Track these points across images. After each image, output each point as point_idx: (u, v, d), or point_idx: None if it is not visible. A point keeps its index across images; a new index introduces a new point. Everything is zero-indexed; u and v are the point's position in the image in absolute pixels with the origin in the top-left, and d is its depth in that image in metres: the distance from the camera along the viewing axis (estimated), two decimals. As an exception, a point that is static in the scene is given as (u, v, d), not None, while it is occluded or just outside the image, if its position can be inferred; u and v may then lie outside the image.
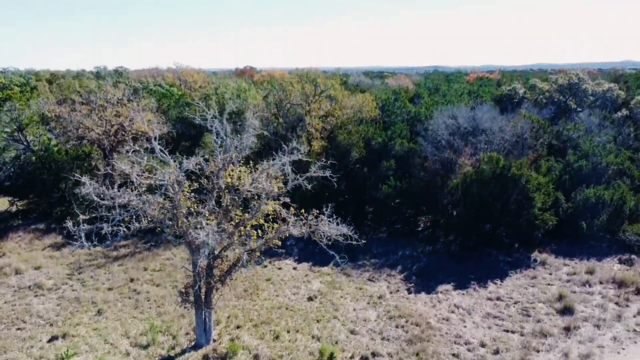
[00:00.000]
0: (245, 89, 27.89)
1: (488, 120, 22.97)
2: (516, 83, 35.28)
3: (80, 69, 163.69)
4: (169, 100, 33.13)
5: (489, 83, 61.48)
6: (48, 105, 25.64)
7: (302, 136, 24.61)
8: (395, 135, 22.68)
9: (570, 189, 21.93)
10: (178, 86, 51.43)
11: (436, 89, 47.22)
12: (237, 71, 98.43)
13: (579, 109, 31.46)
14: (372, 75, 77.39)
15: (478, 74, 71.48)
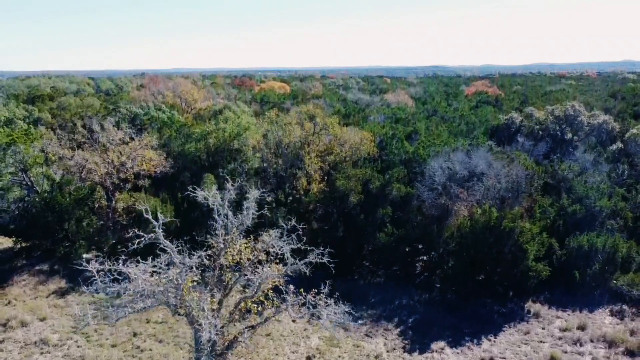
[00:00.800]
0: (246, 126, 28.22)
1: (483, 163, 23.41)
2: (513, 112, 35.74)
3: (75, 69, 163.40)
4: (170, 130, 33.50)
5: (487, 99, 61.92)
6: (52, 146, 26.04)
7: (301, 177, 25.01)
8: (393, 180, 23.11)
9: (564, 234, 22.40)
10: (179, 106, 51.91)
11: (434, 111, 47.64)
12: (236, 80, 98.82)
13: (575, 143, 31.92)
14: (371, 89, 77.68)
15: (477, 87, 71.78)
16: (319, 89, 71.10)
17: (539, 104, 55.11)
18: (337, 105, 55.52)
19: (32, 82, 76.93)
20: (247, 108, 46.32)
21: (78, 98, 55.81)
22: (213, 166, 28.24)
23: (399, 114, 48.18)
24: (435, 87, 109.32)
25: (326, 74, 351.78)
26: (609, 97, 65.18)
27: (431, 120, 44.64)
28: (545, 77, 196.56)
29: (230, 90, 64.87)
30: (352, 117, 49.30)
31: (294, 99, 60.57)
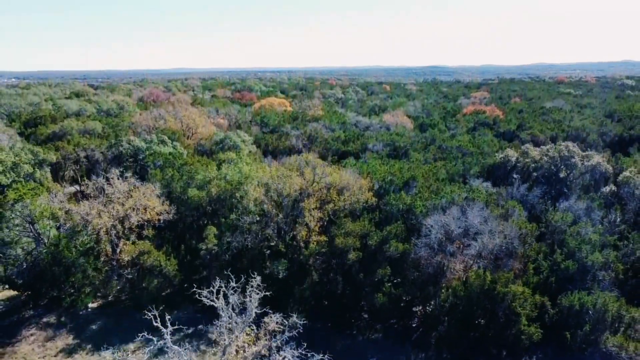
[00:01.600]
0: (247, 174, 28.80)
1: (479, 219, 24.08)
2: (508, 150, 36.36)
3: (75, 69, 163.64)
4: (173, 170, 34.08)
5: (485, 121, 62.49)
6: (58, 198, 26.65)
7: (300, 231, 25.65)
8: (390, 236, 23.76)
9: (557, 290, 23.08)
10: (180, 132, 52.48)
11: (432, 140, 48.27)
12: (236, 94, 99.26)
13: (570, 181, 32.59)
14: (370, 106, 78.07)
15: (475, 103, 72.32)
16: (318, 108, 71.58)
17: (536, 128, 55.81)
18: (337, 131, 56.17)
19: (32, 98, 77.21)
20: (248, 137, 46.90)
21: (80, 121, 56.30)
22: (215, 213, 28.91)
23: (397, 141, 48.83)
24: (434, 98, 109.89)
25: (326, 77, 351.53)
26: (605, 117, 65.85)
27: (429, 150, 45.31)
28: (544, 83, 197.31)
29: (231, 111, 65.33)
30: (352, 144, 50.06)
31: (294, 121, 61.15)
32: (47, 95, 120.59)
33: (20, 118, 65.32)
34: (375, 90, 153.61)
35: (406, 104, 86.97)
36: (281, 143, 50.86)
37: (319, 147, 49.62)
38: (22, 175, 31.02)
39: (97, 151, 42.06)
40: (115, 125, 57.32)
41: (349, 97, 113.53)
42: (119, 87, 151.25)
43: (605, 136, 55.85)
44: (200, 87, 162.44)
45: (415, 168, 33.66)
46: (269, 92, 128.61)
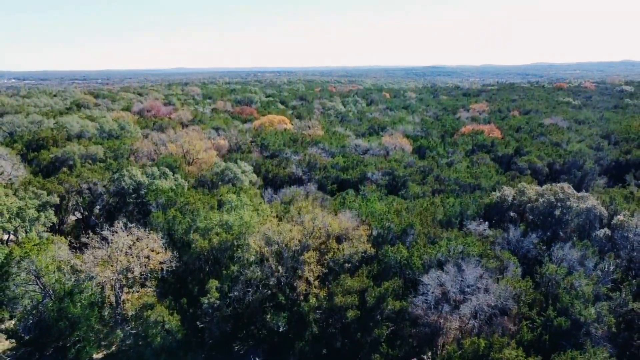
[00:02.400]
0: (248, 224, 29.35)
1: (474, 274, 24.69)
2: (505, 188, 36.90)
3: (75, 69, 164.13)
4: (175, 211, 34.60)
5: (483, 143, 63.04)
6: (62, 250, 27.23)
7: (300, 285, 26.23)
8: (388, 294, 24.35)
9: (551, 347, 23.70)
10: (180, 158, 53.05)
11: (430, 169, 48.85)
12: (236, 109, 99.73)
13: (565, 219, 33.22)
14: (368, 126, 78.50)
15: (474, 125, 72.85)
16: (318, 127, 72.15)
17: (534, 154, 56.37)
18: (337, 155, 56.77)
19: (34, 117, 77.67)
20: (247, 166, 47.45)
21: (82, 145, 56.86)
22: (216, 261, 29.49)
23: (396, 169, 49.43)
24: (433, 111, 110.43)
25: (325, 79, 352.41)
26: (602, 137, 66.41)
27: (427, 182, 45.88)
28: (543, 89, 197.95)
29: (232, 132, 65.90)
30: (351, 171, 50.68)
31: (294, 144, 61.73)
32: (48, 106, 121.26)
33: (23, 138, 65.81)
34: (375, 98, 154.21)
35: (405, 120, 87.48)
36: (281, 170, 51.43)
37: (318, 175, 50.22)
38: (27, 220, 31.60)
39: (100, 184, 42.61)
40: (117, 149, 57.87)
41: (349, 109, 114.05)
42: (119, 96, 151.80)
43: (602, 160, 56.47)
44: (200, 95, 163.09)
45: (413, 209, 34.23)
46: (268, 102, 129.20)
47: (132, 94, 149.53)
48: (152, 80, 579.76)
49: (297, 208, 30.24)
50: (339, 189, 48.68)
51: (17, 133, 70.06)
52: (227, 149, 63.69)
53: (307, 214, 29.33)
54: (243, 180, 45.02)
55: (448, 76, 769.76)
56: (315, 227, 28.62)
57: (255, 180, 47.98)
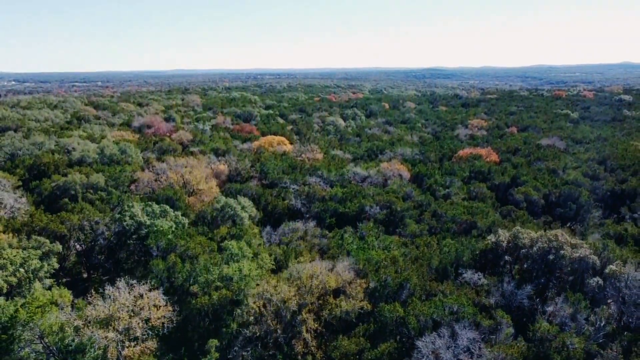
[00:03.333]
0: (247, 278, 29.96)
1: (468, 336, 25.32)
2: (500, 233, 37.49)
3: (75, 71, 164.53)
4: (175, 256, 35.19)
5: (480, 170, 63.62)
6: (66, 309, 27.83)
7: (298, 346, 26.83)
8: (384, 357, 24.96)
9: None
10: (181, 189, 53.65)
11: (428, 204, 49.43)
12: (236, 127, 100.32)
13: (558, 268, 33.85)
14: (367, 148, 79.02)
15: (471, 149, 73.43)
16: (317, 151, 72.78)
17: (530, 184, 57.00)
18: (335, 185, 57.42)
19: (35, 138, 78.20)
20: (247, 202, 48.04)
21: (83, 174, 57.41)
22: (216, 316, 30.10)
23: (393, 202, 50.01)
24: (432, 127, 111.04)
25: (325, 84, 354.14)
26: (598, 164, 67.02)
27: (424, 220, 46.50)
28: (542, 99, 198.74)
29: (231, 157, 66.49)
30: (349, 203, 51.28)
31: (292, 171, 62.35)
32: (48, 120, 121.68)
33: (24, 163, 66.41)
34: (374, 109, 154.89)
35: (403, 140, 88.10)
36: (280, 202, 52.05)
37: (317, 207, 50.82)
38: (31, 271, 32.20)
39: (102, 223, 43.21)
40: (118, 177, 58.45)
41: (348, 124, 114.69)
42: (119, 107, 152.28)
43: (597, 190, 57.11)
44: (200, 105, 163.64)
45: (409, 254, 34.93)
46: (268, 115, 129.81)
47: (132, 106, 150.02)
48: (152, 83, 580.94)
49: (295, 263, 30.78)
50: (338, 222, 49.34)
51: (18, 157, 70.58)
52: (227, 174, 64.32)
53: (305, 270, 29.93)
54: (243, 217, 45.59)
55: (447, 79, 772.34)
56: (313, 284, 29.22)
57: (255, 214, 48.56)
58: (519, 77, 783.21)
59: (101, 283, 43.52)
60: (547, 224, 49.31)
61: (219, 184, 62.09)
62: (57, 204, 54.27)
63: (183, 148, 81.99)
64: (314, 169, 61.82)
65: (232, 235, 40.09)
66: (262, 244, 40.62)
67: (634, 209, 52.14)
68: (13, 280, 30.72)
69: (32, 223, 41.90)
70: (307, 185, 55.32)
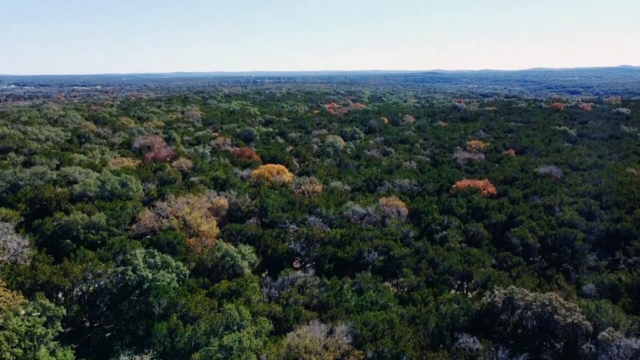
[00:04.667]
0: (246, 345, 30.68)
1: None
2: (496, 292, 38.27)
3: (75, 73, 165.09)
4: (177, 316, 35.90)
5: (477, 206, 64.40)
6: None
7: None
8: None
9: None
10: (182, 232, 54.41)
11: (425, 251, 50.15)
12: (236, 150, 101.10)
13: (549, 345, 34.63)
14: (366, 177, 79.72)
15: (469, 181, 74.25)
16: (317, 183, 73.58)
17: (526, 225, 57.78)
18: (334, 225, 58.22)
19: (38, 168, 78.91)
20: (248, 249, 48.82)
21: (85, 213, 58.10)
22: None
23: (392, 247, 50.77)
24: (431, 150, 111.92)
25: (325, 89, 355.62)
26: (594, 199, 67.78)
27: (421, 270, 47.25)
28: (540, 111, 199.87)
29: (231, 193, 67.28)
30: (348, 247, 52.04)
31: (292, 208, 63.13)
32: (49, 138, 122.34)
33: (26, 196, 67.15)
34: (373, 125, 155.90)
35: (402, 169, 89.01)
36: (280, 245, 52.78)
37: (316, 251, 51.62)
38: (36, 339, 32.86)
39: (105, 275, 43.93)
40: (119, 215, 59.15)
41: (347, 145, 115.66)
42: (119, 122, 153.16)
43: (593, 230, 57.89)
44: (200, 120, 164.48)
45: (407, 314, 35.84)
46: (268, 134, 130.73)
47: (132, 122, 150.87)
48: (152, 87, 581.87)
49: (293, 322, 31.51)
50: (336, 267, 50.16)
51: (20, 187, 71.30)
52: (227, 208, 65.11)
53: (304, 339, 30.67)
54: (243, 267, 46.36)
55: (447, 82, 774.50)
56: (312, 359, 29.94)
57: (255, 260, 49.28)
58: (518, 81, 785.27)
59: (104, 333, 44.47)
60: (542, 271, 50.13)
61: (219, 220, 62.94)
62: (59, 245, 55.15)
63: (183, 176, 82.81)
64: (313, 206, 62.58)
65: (232, 291, 40.86)
66: (262, 299, 41.35)
67: (629, 252, 52.94)
68: (19, 352, 31.39)
69: (36, 276, 42.61)
70: (307, 227, 56.06)
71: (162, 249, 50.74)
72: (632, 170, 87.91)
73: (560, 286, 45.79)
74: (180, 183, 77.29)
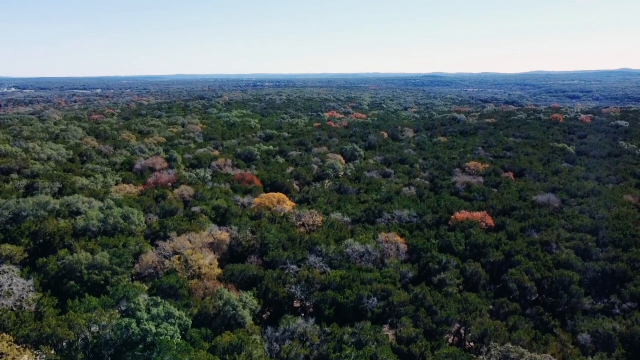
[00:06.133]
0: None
1: None
2: (493, 349, 39.11)
3: (76, 75, 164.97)
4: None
5: (475, 243, 65.19)
6: None
7: None
8: None
9: None
10: (183, 274, 55.25)
11: (424, 297, 50.97)
12: (237, 174, 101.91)
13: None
14: (365, 208, 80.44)
15: (467, 214, 75.04)
16: (318, 215, 74.43)
17: (523, 265, 58.59)
18: (334, 264, 59.09)
19: (40, 198, 79.58)
20: (249, 297, 49.60)
21: (88, 252, 58.90)
22: None
23: (391, 292, 51.61)
24: (430, 172, 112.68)
25: (325, 95, 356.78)
26: (591, 234, 68.56)
27: (419, 316, 48.03)
28: (540, 123, 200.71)
29: (232, 228, 68.12)
30: (347, 290, 52.83)
31: (292, 245, 63.97)
32: (51, 158, 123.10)
33: (30, 229, 67.96)
34: (373, 141, 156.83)
35: (402, 194, 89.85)
36: (280, 289, 53.61)
37: (316, 297, 52.44)
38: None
39: (109, 327, 44.70)
40: (122, 254, 59.93)
41: (347, 167, 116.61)
42: (120, 138, 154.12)
43: (589, 271, 58.70)
44: (201, 135, 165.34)
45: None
46: (268, 153, 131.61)
47: (133, 138, 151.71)
48: (152, 91, 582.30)
49: None
50: (336, 312, 50.98)
51: (23, 222, 71.97)
52: (228, 243, 65.96)
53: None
54: (244, 317, 47.16)
55: (446, 86, 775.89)
56: None
57: (255, 306, 50.06)
58: (517, 84, 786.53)
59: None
60: (539, 316, 50.91)
61: (220, 256, 63.88)
62: (63, 286, 55.97)
63: (185, 204, 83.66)
64: (313, 243, 63.41)
65: (233, 347, 41.67)
66: (264, 354, 42.16)
67: (624, 297, 53.77)
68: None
69: (41, 328, 43.43)
70: (307, 268, 56.89)
71: (164, 293, 51.69)
72: (629, 197, 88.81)
73: (556, 336, 46.71)
74: (181, 213, 78.08)
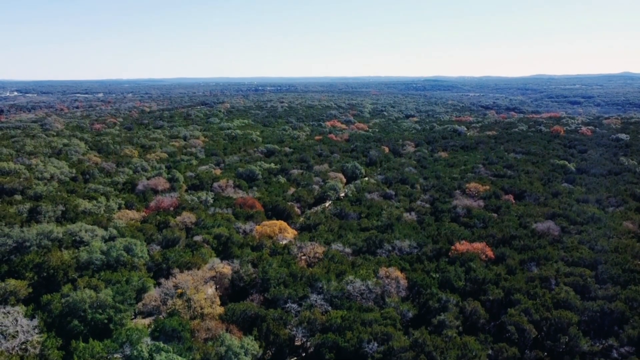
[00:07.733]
0: None
1: None
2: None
3: (77, 79, 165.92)
4: None
5: (475, 279, 65.76)
6: None
7: None
8: None
9: None
10: (186, 315, 55.92)
11: (423, 343, 51.55)
12: (238, 199, 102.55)
13: None
14: (365, 237, 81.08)
15: (467, 246, 75.62)
16: (319, 247, 75.13)
17: (522, 305, 59.15)
18: (334, 303, 59.71)
19: (43, 227, 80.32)
20: (250, 342, 50.27)
21: (92, 289, 59.61)
22: None
23: (390, 337, 52.19)
24: (430, 194, 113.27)
25: (326, 102, 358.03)
26: (590, 268, 69.06)
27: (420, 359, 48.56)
28: (541, 136, 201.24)
29: (234, 262, 68.83)
30: (348, 332, 53.44)
31: (293, 281, 64.63)
32: (54, 176, 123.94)
33: (33, 262, 68.72)
34: (374, 156, 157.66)
35: (402, 220, 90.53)
36: (282, 331, 54.24)
37: (317, 340, 53.08)
38: None
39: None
40: (125, 291, 60.61)
41: (348, 189, 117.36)
42: (123, 153, 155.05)
43: (587, 310, 59.24)
44: (202, 151, 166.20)
45: None
46: (270, 172, 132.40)
47: (135, 154, 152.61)
48: (154, 95, 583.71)
49: None
50: (337, 356, 51.59)
51: (27, 254, 72.65)
52: (229, 277, 66.68)
53: None
54: (245, 362, 47.81)
55: (447, 90, 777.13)
56: None
57: (257, 351, 50.68)
58: (519, 89, 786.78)
59: None
60: (537, 362, 51.47)
61: (222, 292, 64.63)
62: (67, 326, 56.62)
63: (187, 231, 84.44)
64: (314, 279, 64.05)
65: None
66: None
67: (622, 340, 54.27)
68: None
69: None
70: (309, 309, 57.52)
71: (167, 336, 52.36)
72: (629, 224, 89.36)
73: (554, 384, 47.28)
74: (183, 242, 78.84)
